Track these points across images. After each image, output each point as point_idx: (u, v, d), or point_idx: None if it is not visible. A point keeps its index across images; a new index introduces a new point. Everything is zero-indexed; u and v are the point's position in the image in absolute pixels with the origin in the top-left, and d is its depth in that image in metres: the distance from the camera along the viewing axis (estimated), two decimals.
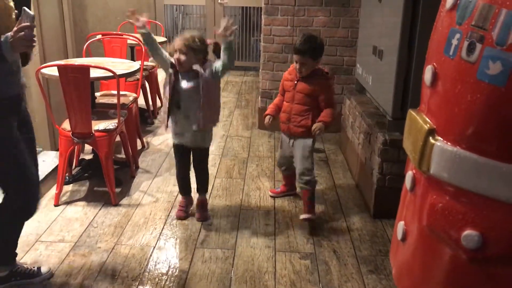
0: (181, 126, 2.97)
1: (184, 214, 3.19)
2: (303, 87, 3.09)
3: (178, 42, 2.80)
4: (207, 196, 3.32)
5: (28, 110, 2.38)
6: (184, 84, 2.85)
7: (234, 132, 4.96)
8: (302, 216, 3.14)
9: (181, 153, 3.11)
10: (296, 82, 3.11)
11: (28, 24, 1.92)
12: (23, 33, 1.91)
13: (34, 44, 1.99)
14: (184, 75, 2.86)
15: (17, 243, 2.49)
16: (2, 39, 1.93)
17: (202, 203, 3.24)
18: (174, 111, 2.93)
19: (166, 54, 2.92)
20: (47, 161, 3.75)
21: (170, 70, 2.87)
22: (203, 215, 3.20)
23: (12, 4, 2.05)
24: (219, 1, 7.66)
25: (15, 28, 1.93)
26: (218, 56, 2.88)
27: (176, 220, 3.17)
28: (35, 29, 1.97)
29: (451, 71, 1.44)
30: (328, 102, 3.09)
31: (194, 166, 3.19)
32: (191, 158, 3.16)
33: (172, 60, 2.87)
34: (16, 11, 2.06)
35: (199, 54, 2.83)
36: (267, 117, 3.27)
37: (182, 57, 2.78)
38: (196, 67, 2.83)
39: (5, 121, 2.14)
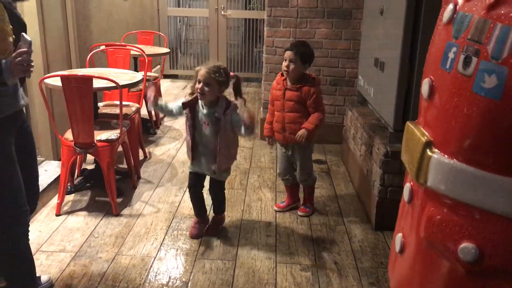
0: (200, 161, 2.97)
1: (196, 232, 3.10)
2: (292, 95, 3.15)
3: (203, 72, 2.75)
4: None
5: (27, 120, 2.38)
6: (203, 127, 2.87)
7: None
8: (299, 213, 3.43)
9: (196, 180, 3.07)
10: (284, 91, 3.16)
11: (25, 49, 1.97)
12: (20, 58, 1.95)
13: (32, 69, 2.02)
14: (204, 117, 2.85)
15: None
16: (3, 64, 1.96)
17: (218, 221, 3.21)
18: (194, 146, 2.93)
19: (175, 107, 2.93)
20: (49, 170, 3.76)
21: (185, 111, 2.89)
22: (212, 231, 3.15)
23: (9, 28, 2.07)
24: (222, 13, 7.72)
25: (13, 54, 1.98)
26: (236, 91, 2.89)
27: (177, 230, 3.17)
28: (32, 54, 2.00)
29: (448, 84, 1.45)
30: (314, 107, 3.14)
31: (210, 188, 3.12)
32: (205, 181, 3.13)
33: (182, 101, 2.88)
34: (14, 36, 2.09)
35: (222, 86, 2.83)
36: (267, 139, 3.40)
37: (206, 89, 2.75)
38: (218, 112, 2.81)
39: (3, 140, 2.14)
